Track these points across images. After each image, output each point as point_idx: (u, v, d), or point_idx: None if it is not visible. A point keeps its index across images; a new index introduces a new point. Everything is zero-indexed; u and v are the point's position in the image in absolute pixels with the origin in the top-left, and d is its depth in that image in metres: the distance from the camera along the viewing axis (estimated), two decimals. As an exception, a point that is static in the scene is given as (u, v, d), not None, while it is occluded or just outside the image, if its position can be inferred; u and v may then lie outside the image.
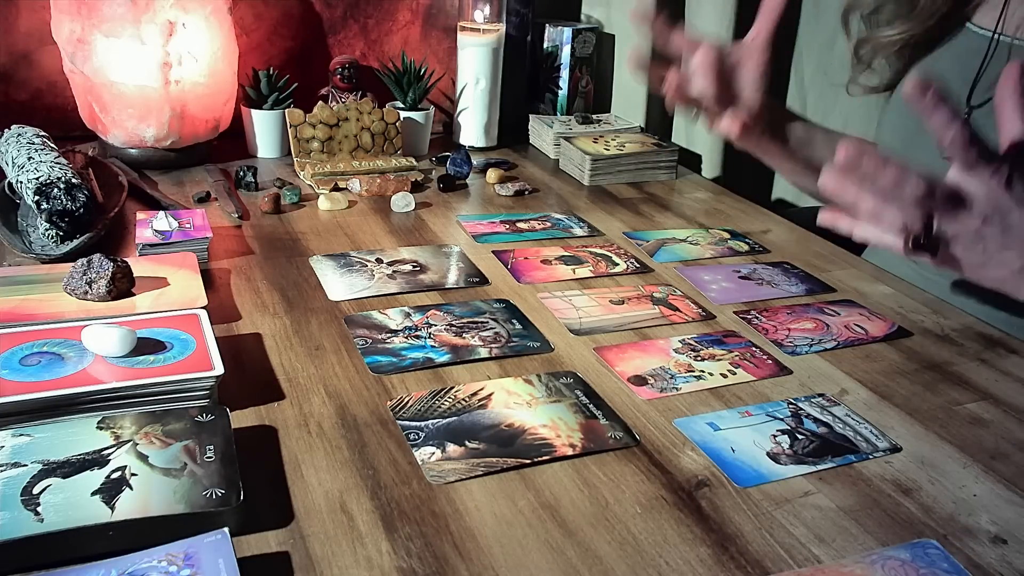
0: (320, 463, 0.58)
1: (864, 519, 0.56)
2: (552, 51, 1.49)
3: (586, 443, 0.62)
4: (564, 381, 0.70)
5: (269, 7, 1.36)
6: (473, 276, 0.90)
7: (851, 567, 0.51)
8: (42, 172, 0.90)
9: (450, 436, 0.62)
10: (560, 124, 1.40)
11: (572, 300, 0.86)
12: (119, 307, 0.73)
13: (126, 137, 1.16)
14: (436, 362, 0.72)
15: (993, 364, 0.78)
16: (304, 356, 0.72)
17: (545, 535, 0.53)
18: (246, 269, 0.89)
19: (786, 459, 0.62)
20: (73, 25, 1.11)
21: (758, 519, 0.55)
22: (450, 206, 1.13)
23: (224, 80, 1.22)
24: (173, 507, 0.49)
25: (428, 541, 0.52)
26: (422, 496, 0.56)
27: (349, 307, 0.82)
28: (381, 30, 1.44)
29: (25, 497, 0.49)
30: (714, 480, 0.59)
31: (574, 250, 0.99)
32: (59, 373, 0.60)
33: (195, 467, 0.53)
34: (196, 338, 0.66)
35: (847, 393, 0.71)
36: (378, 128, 1.25)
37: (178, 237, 0.87)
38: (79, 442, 0.54)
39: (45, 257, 0.85)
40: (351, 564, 0.49)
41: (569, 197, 1.20)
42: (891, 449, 0.64)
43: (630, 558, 0.51)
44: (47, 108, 1.26)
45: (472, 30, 1.36)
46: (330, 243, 0.97)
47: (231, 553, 0.46)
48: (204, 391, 0.62)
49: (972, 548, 0.54)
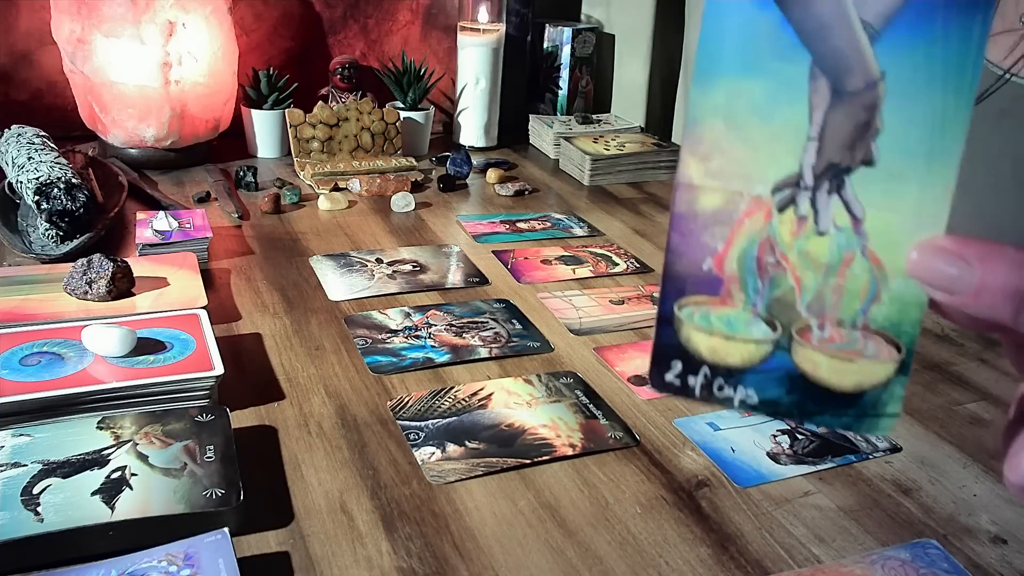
0: (320, 463, 0.58)
1: (864, 519, 0.56)
2: (552, 51, 1.49)
3: (586, 443, 0.62)
4: (564, 381, 0.70)
5: (269, 7, 1.36)
6: (473, 276, 0.90)
7: (851, 567, 0.51)
8: (42, 172, 0.90)
9: (450, 436, 0.62)
10: (560, 124, 1.40)
11: (572, 300, 0.86)
12: (119, 307, 0.73)
13: (126, 137, 1.16)
14: (436, 362, 0.72)
15: (993, 364, 0.78)
16: (304, 356, 0.72)
17: (545, 535, 0.53)
18: (246, 269, 0.89)
19: (786, 459, 0.62)
20: (73, 25, 1.11)
21: (758, 519, 0.55)
22: (450, 206, 1.13)
23: (224, 80, 1.22)
24: (173, 507, 0.49)
25: (428, 541, 0.52)
26: (422, 496, 0.56)
27: (349, 307, 0.82)
28: (381, 30, 1.44)
29: (25, 497, 0.49)
30: (714, 480, 0.59)
31: (574, 250, 0.99)
32: (59, 373, 0.60)
33: (195, 467, 0.53)
34: (196, 338, 0.66)
35: (847, 393, 0.71)
36: (378, 128, 1.25)
37: (178, 237, 0.87)
38: (79, 442, 0.54)
39: (45, 257, 0.85)
40: (351, 564, 0.49)
41: (569, 197, 1.20)
42: (891, 449, 0.64)
43: (630, 558, 0.51)
44: (47, 108, 1.26)
45: (472, 30, 1.36)
46: (330, 243, 0.97)
47: (231, 553, 0.46)
48: (204, 391, 0.62)
49: (972, 548, 0.54)
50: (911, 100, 0.29)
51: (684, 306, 0.32)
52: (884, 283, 0.30)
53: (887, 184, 0.29)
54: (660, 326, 0.32)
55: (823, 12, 0.29)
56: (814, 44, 0.29)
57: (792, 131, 0.30)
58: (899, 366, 0.31)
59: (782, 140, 0.30)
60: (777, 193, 0.30)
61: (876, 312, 0.30)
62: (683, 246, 0.31)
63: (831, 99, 0.29)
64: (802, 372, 0.32)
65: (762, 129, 0.30)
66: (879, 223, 0.30)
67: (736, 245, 0.31)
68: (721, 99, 0.30)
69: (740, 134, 0.30)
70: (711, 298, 0.32)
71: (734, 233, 0.31)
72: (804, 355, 0.31)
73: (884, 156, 0.29)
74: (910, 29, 0.28)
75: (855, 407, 0.32)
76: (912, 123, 0.29)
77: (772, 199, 0.30)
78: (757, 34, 0.29)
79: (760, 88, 0.30)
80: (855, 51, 0.29)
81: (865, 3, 0.28)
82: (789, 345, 0.31)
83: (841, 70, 0.29)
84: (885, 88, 0.29)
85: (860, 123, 0.29)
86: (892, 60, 0.28)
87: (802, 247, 0.31)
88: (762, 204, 0.30)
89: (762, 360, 0.32)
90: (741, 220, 0.31)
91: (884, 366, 0.31)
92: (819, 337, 0.31)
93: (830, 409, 0.32)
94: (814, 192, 0.30)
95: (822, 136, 0.30)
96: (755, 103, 0.30)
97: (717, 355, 0.32)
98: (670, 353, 0.32)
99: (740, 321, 0.32)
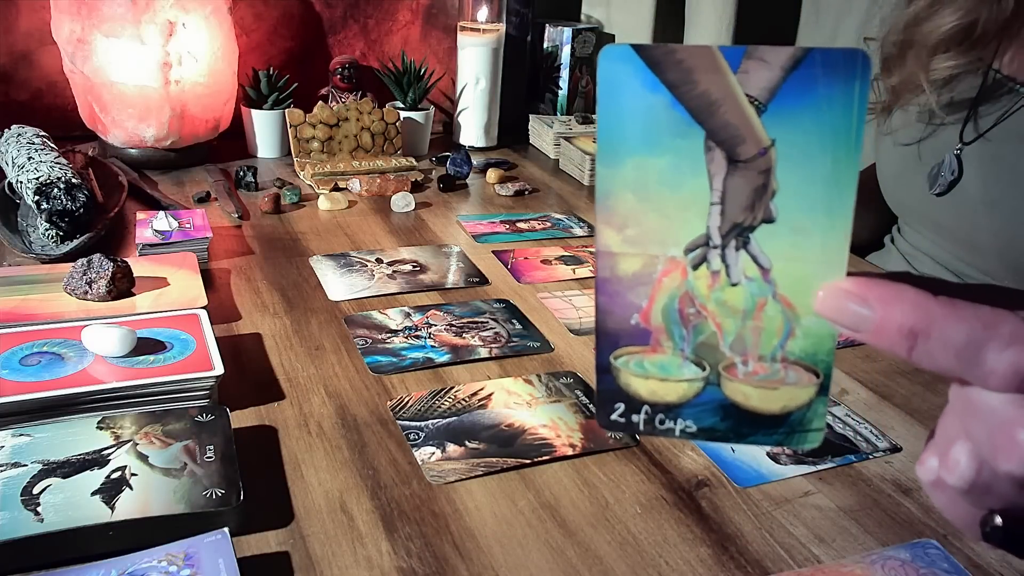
0: (320, 463, 0.58)
1: (864, 519, 0.56)
2: (552, 51, 1.49)
3: (586, 443, 0.62)
4: (564, 381, 0.70)
5: (269, 7, 1.36)
6: (473, 276, 0.90)
7: (851, 567, 0.51)
8: (42, 172, 0.90)
9: (450, 436, 0.62)
10: (560, 124, 1.40)
11: (572, 300, 0.86)
12: (119, 307, 0.73)
13: (126, 137, 1.16)
14: (436, 362, 0.72)
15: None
16: (304, 356, 0.72)
17: (545, 535, 0.53)
18: (246, 269, 0.89)
19: (786, 459, 0.62)
20: (73, 25, 1.11)
21: (758, 519, 0.55)
22: (450, 206, 1.13)
23: (224, 80, 1.22)
24: (173, 507, 0.49)
25: (428, 541, 0.52)
26: (422, 496, 0.56)
27: (349, 307, 0.82)
28: (381, 30, 1.44)
29: (25, 497, 0.49)
30: (714, 480, 0.59)
31: (574, 250, 0.99)
32: (59, 373, 0.60)
33: (195, 467, 0.53)
34: (196, 338, 0.66)
35: (847, 393, 0.71)
36: (378, 128, 1.25)
37: (178, 237, 0.87)
38: (79, 442, 0.54)
39: (45, 257, 0.85)
40: (351, 564, 0.49)
41: (569, 197, 1.20)
42: (891, 449, 0.64)
43: (630, 558, 0.51)
44: (47, 108, 1.26)
45: (472, 30, 1.36)
46: (330, 243, 0.97)
47: (231, 553, 0.46)
48: (204, 391, 0.62)
49: (972, 548, 0.54)
50: (803, 161, 0.31)
51: (619, 356, 0.35)
52: (797, 321, 0.33)
53: (790, 237, 0.32)
54: (600, 374, 0.35)
55: (710, 91, 0.31)
56: (705, 120, 0.31)
57: (697, 198, 0.32)
58: (819, 388, 0.34)
59: (689, 207, 0.33)
60: (690, 253, 0.33)
61: (792, 346, 0.34)
62: (611, 305, 0.35)
63: (727, 167, 0.32)
64: (733, 402, 0.35)
65: (670, 198, 0.33)
66: (786, 271, 0.33)
67: (659, 301, 0.34)
68: (629, 174, 0.33)
69: (650, 204, 0.33)
70: (643, 347, 0.35)
71: (655, 291, 0.34)
72: (733, 388, 0.35)
73: (784, 212, 0.32)
74: (795, 99, 0.31)
75: (784, 426, 0.35)
76: (806, 182, 0.31)
77: (686, 258, 0.33)
78: (652, 114, 0.32)
79: (663, 162, 0.32)
80: (744, 123, 0.31)
81: (749, 80, 0.31)
82: (718, 380, 0.35)
83: (733, 141, 0.32)
84: (777, 153, 0.31)
85: (757, 186, 0.32)
86: (781, 128, 0.31)
87: (719, 297, 0.34)
88: (677, 263, 0.34)
89: (696, 395, 0.35)
90: (660, 279, 0.34)
91: (806, 390, 0.34)
92: (744, 371, 0.34)
93: (762, 430, 0.35)
94: (723, 249, 0.33)
95: (724, 200, 0.32)
96: (661, 176, 0.32)
97: (656, 395, 0.35)
98: (612, 397, 0.36)
99: (672, 365, 0.35)
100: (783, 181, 0.32)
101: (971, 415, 0.32)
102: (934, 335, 0.30)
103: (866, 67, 0.30)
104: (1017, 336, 0.29)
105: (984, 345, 0.30)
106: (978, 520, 0.33)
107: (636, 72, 0.31)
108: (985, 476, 0.32)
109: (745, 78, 0.31)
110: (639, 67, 0.31)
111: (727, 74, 0.31)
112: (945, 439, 0.33)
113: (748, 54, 0.30)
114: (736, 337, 0.34)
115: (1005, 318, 0.30)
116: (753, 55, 0.30)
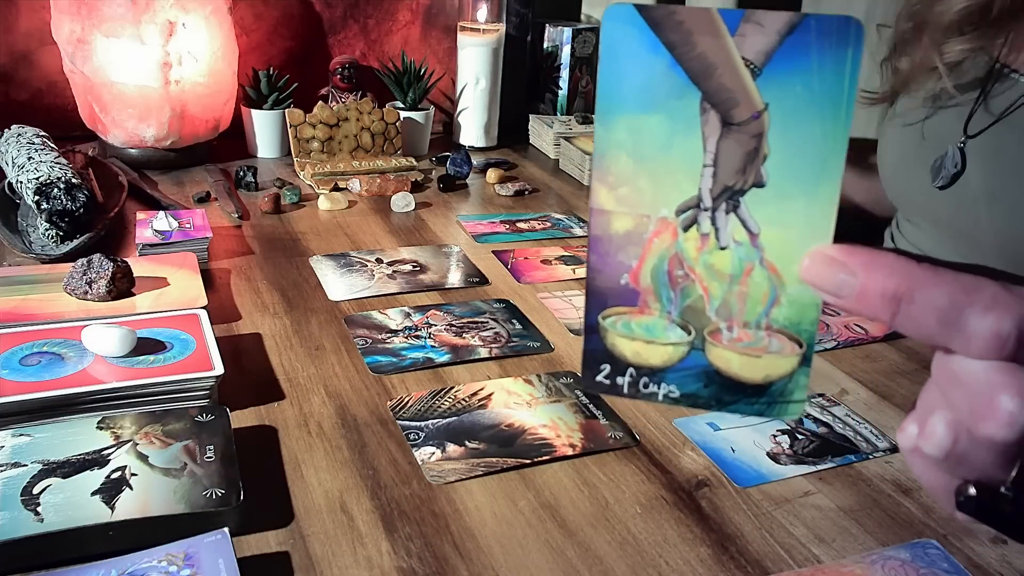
0: (320, 463, 0.58)
1: (864, 519, 0.56)
2: (552, 51, 1.49)
3: (586, 443, 0.62)
4: (564, 381, 0.70)
5: (269, 7, 1.36)
6: (473, 276, 0.90)
7: (851, 567, 0.51)
8: (42, 172, 0.90)
9: (450, 436, 0.62)
10: (560, 124, 1.40)
11: (572, 300, 0.86)
12: (119, 307, 0.73)
13: (126, 137, 1.16)
14: (436, 362, 0.72)
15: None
16: (304, 356, 0.72)
17: (545, 535, 0.53)
18: (246, 269, 0.89)
19: (786, 459, 0.62)
20: (73, 25, 1.11)
21: (758, 519, 0.55)
22: (450, 206, 1.13)
23: (224, 80, 1.22)
24: (173, 507, 0.49)
25: (428, 541, 0.52)
26: (422, 496, 0.56)
27: (349, 307, 0.82)
28: (381, 30, 1.44)
29: (25, 497, 0.49)
30: (714, 480, 0.59)
31: (574, 250, 0.99)
32: (59, 373, 0.60)
33: (195, 467, 0.53)
34: (196, 338, 0.66)
35: (847, 393, 0.71)
36: (378, 128, 1.25)
37: (178, 237, 0.87)
38: (79, 442, 0.54)
39: (45, 257, 0.85)
40: (351, 564, 0.49)
41: (569, 197, 1.20)
42: (891, 449, 0.64)
43: (630, 558, 0.51)
44: (47, 108, 1.26)
45: (472, 30, 1.36)
46: (330, 243, 0.97)
47: (231, 553, 0.46)
48: (204, 391, 0.62)
49: (972, 548, 0.54)
50: (794, 127, 0.32)
51: (607, 316, 0.36)
52: (782, 289, 0.34)
53: (778, 202, 0.33)
54: (587, 334, 0.36)
55: (707, 53, 0.32)
56: (702, 82, 0.32)
57: (689, 160, 0.33)
58: (802, 359, 0.34)
59: (681, 168, 0.33)
60: (681, 214, 0.34)
61: (777, 314, 0.34)
62: (601, 264, 0.35)
63: (721, 130, 0.33)
64: (716, 368, 0.35)
65: (662, 159, 0.33)
66: (774, 237, 0.33)
67: (648, 261, 0.35)
68: (623, 134, 0.33)
69: (643, 165, 0.33)
70: (631, 308, 0.35)
71: (645, 251, 0.35)
72: (717, 353, 0.35)
73: (773, 178, 0.33)
74: (788, 64, 0.31)
75: (765, 396, 0.35)
76: (796, 148, 0.32)
77: (677, 220, 0.34)
78: (651, 75, 0.32)
79: (657, 123, 0.33)
80: (739, 86, 0.32)
81: (745, 43, 0.31)
82: (703, 346, 0.35)
83: (728, 104, 0.32)
84: (769, 118, 0.32)
85: (749, 150, 0.32)
86: (774, 92, 0.32)
87: (707, 260, 0.34)
88: (668, 225, 0.34)
89: (680, 360, 0.36)
90: (651, 240, 0.35)
91: (788, 360, 0.35)
92: (728, 337, 0.35)
93: (743, 399, 0.36)
94: (713, 212, 0.33)
95: (716, 163, 0.33)
96: (654, 136, 0.33)
97: (640, 357, 0.36)
98: (598, 358, 0.36)
99: (658, 327, 0.35)
100: (774, 147, 0.32)
101: (953, 384, 0.32)
102: (917, 300, 0.30)
103: (859, 35, 0.30)
104: (998, 301, 0.30)
105: (966, 309, 0.30)
106: (953, 489, 0.34)
107: (638, 32, 0.32)
108: (961, 446, 0.32)
109: (742, 41, 0.31)
110: (642, 28, 0.32)
111: (725, 37, 0.31)
112: (925, 408, 0.34)
113: (746, 18, 0.31)
114: (722, 302, 0.35)
115: (986, 284, 0.30)
116: (751, 19, 0.31)
